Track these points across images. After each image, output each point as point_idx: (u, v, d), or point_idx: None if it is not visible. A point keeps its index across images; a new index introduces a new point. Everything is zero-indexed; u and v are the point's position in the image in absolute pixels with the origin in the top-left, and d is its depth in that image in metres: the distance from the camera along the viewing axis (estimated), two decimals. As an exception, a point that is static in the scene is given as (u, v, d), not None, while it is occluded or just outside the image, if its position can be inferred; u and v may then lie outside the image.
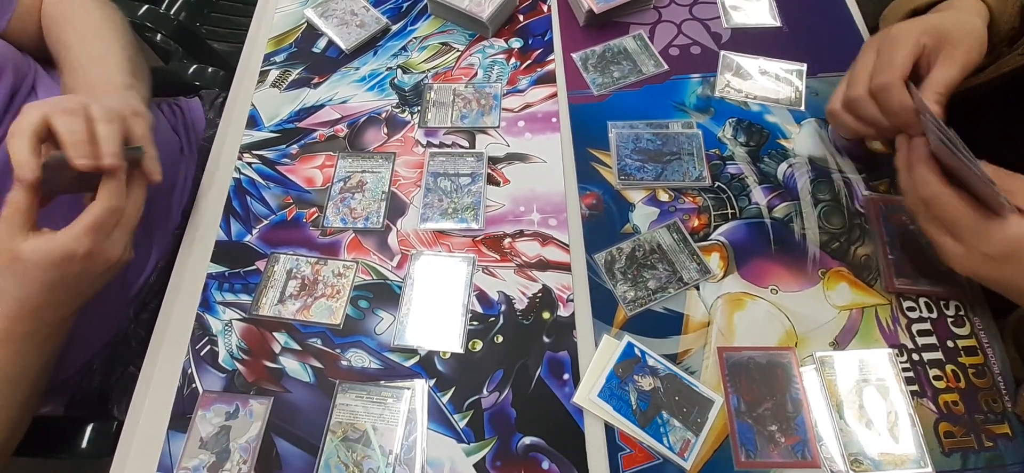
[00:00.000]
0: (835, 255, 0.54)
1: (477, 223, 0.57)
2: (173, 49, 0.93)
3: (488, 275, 0.54)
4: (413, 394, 0.48)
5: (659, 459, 0.45)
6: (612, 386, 0.47)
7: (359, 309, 0.53)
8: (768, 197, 0.57)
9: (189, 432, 0.47)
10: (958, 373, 0.48)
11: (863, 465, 0.44)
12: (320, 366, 0.50)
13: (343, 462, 0.45)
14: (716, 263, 0.54)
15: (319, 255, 0.56)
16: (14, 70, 0.56)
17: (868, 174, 0.58)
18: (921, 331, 0.50)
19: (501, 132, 0.63)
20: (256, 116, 0.67)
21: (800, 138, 0.61)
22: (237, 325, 0.52)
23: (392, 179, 0.60)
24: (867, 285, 0.52)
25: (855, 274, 0.52)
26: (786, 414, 0.46)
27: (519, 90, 0.66)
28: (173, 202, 0.70)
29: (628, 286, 0.53)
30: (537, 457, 0.46)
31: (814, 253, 0.54)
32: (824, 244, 0.54)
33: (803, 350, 0.49)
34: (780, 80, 0.65)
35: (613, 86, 0.66)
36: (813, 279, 0.53)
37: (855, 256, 0.54)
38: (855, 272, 0.53)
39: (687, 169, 0.59)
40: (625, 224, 0.56)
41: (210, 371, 0.50)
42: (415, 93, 0.67)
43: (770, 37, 0.69)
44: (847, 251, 0.54)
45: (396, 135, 0.64)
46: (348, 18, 0.74)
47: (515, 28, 0.72)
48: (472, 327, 0.51)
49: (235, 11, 1.13)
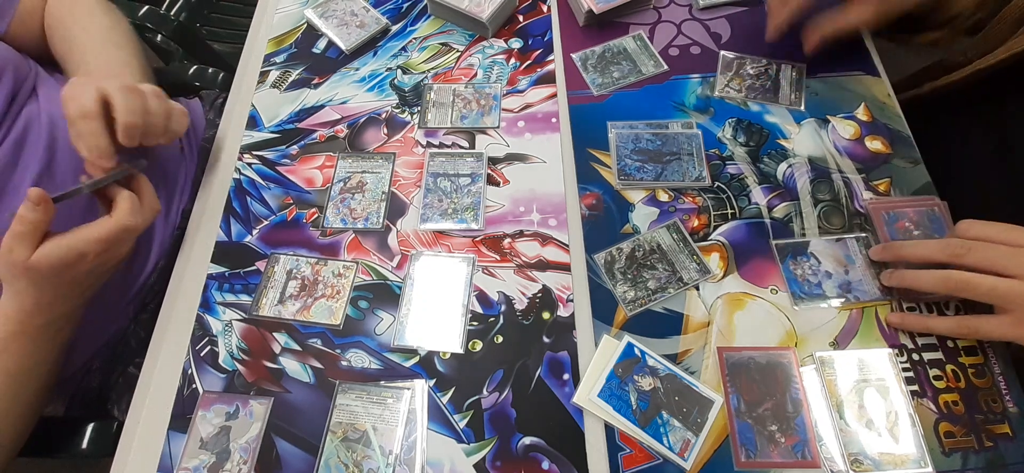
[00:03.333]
0: (835, 255, 0.54)
1: (477, 223, 0.57)
2: (173, 50, 0.93)
3: (488, 275, 0.54)
4: (413, 394, 0.48)
5: (659, 459, 0.45)
6: (612, 386, 0.47)
7: (359, 309, 0.53)
8: (768, 197, 0.57)
9: (189, 432, 0.47)
10: (958, 373, 0.48)
11: (863, 465, 0.44)
12: (320, 366, 0.50)
13: (343, 462, 0.46)
14: (716, 263, 0.54)
15: (319, 255, 0.56)
16: (14, 71, 0.56)
17: (868, 174, 0.58)
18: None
19: (501, 132, 0.63)
20: (256, 117, 0.67)
21: (800, 138, 0.61)
22: (237, 325, 0.52)
23: (392, 179, 0.60)
24: (867, 285, 0.52)
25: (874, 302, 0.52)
26: (786, 414, 0.46)
27: (519, 90, 0.66)
28: (173, 202, 0.70)
29: (628, 286, 0.53)
30: (537, 457, 0.46)
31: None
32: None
33: (803, 350, 0.49)
34: (778, 82, 0.65)
35: (613, 86, 0.66)
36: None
37: (855, 256, 0.54)
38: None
39: (687, 169, 0.59)
40: (625, 224, 0.56)
41: (210, 371, 0.50)
42: (415, 93, 0.67)
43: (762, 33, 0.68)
44: (847, 251, 0.54)
45: (396, 135, 0.64)
46: (348, 19, 0.74)
47: (515, 28, 0.72)
48: (472, 327, 0.51)
49: (235, 12, 1.13)
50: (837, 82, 0.65)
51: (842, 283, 0.52)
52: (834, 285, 0.52)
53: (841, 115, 0.62)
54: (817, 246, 0.54)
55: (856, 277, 0.52)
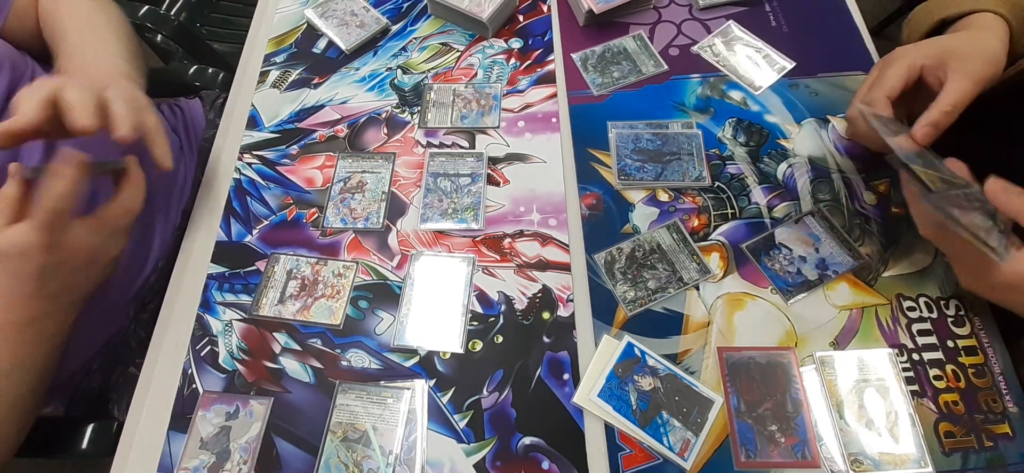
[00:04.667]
0: (835, 255, 0.54)
1: (477, 223, 0.57)
2: (173, 50, 0.93)
3: (488, 275, 0.54)
4: (413, 394, 0.48)
5: (659, 459, 0.45)
6: (612, 386, 0.47)
7: (359, 309, 0.53)
8: (768, 197, 0.57)
9: (189, 432, 0.47)
10: (958, 373, 0.48)
11: (863, 465, 0.44)
12: (320, 366, 0.50)
13: (343, 462, 0.45)
14: (716, 263, 0.54)
15: (319, 255, 0.56)
16: (11, 68, 0.56)
17: (868, 174, 0.58)
18: (921, 331, 0.50)
19: (501, 132, 0.63)
20: (256, 116, 0.67)
21: (800, 138, 0.61)
22: (237, 325, 0.52)
23: (392, 179, 0.60)
24: (867, 285, 0.52)
25: (855, 274, 0.52)
26: (786, 414, 0.46)
27: (519, 90, 0.66)
28: (173, 202, 0.70)
29: (628, 286, 0.53)
30: (537, 457, 0.46)
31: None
32: (824, 244, 0.54)
33: (803, 350, 0.49)
34: (760, 67, 0.66)
35: (613, 86, 0.66)
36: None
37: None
38: (855, 272, 0.53)
39: (687, 169, 0.59)
40: (625, 224, 0.56)
41: (210, 371, 0.50)
42: (415, 93, 0.67)
43: (769, 34, 0.69)
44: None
45: (396, 135, 0.64)
46: (348, 18, 0.74)
47: (515, 28, 0.72)
48: (472, 327, 0.51)
49: (235, 12, 1.13)
50: (837, 82, 0.65)
51: (817, 263, 0.53)
52: (812, 267, 0.53)
53: (841, 115, 0.62)
54: (781, 235, 0.55)
55: (827, 252, 0.53)
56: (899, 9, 1.55)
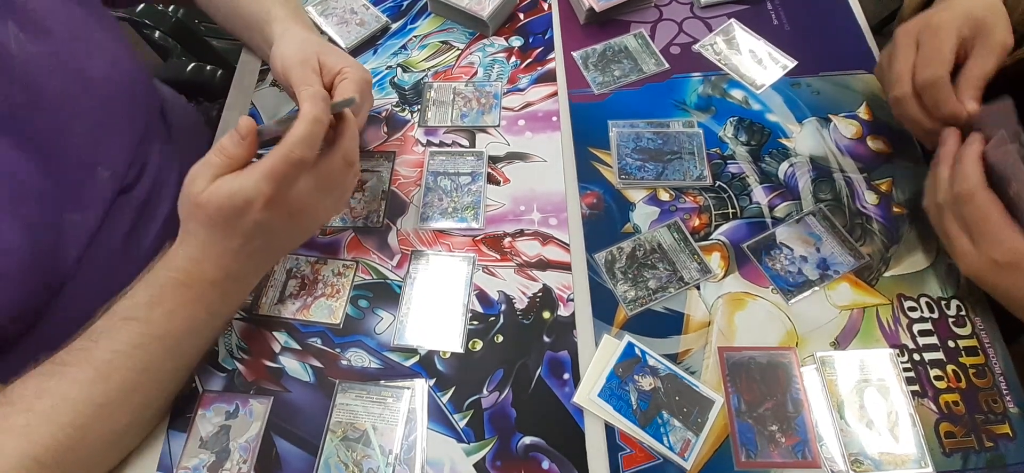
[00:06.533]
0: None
1: (477, 222, 0.57)
2: (172, 46, 0.92)
3: (488, 274, 0.54)
4: (413, 394, 0.48)
5: (659, 459, 0.45)
6: (612, 386, 0.47)
7: (359, 309, 0.53)
8: (769, 196, 0.57)
9: (189, 432, 0.47)
10: (959, 373, 0.48)
11: (864, 465, 0.44)
12: (320, 366, 0.50)
13: (343, 462, 0.45)
14: (717, 263, 0.54)
15: (319, 254, 0.56)
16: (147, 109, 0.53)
17: (869, 173, 0.58)
18: (922, 331, 0.50)
19: (501, 131, 0.63)
20: (256, 115, 0.67)
21: (801, 137, 0.61)
22: (237, 324, 0.52)
23: (392, 178, 0.60)
24: (868, 285, 0.52)
25: (856, 274, 0.52)
26: (787, 414, 0.46)
27: (519, 89, 0.66)
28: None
29: (628, 286, 0.52)
30: (537, 457, 0.46)
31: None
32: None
33: (804, 350, 0.49)
34: (761, 65, 0.66)
35: (614, 85, 0.66)
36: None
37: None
38: (856, 272, 0.52)
39: (688, 168, 0.59)
40: (625, 223, 0.56)
41: (210, 370, 0.50)
42: (415, 92, 0.67)
43: (770, 33, 0.68)
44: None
45: (396, 134, 0.64)
46: (348, 16, 0.73)
47: (515, 26, 0.72)
48: (472, 327, 0.51)
49: (234, 9, 1.13)
50: (838, 81, 0.65)
51: (818, 262, 0.53)
52: (813, 267, 0.53)
53: (842, 114, 0.62)
54: (782, 234, 0.54)
55: (828, 252, 0.53)
56: (900, 7, 1.54)
